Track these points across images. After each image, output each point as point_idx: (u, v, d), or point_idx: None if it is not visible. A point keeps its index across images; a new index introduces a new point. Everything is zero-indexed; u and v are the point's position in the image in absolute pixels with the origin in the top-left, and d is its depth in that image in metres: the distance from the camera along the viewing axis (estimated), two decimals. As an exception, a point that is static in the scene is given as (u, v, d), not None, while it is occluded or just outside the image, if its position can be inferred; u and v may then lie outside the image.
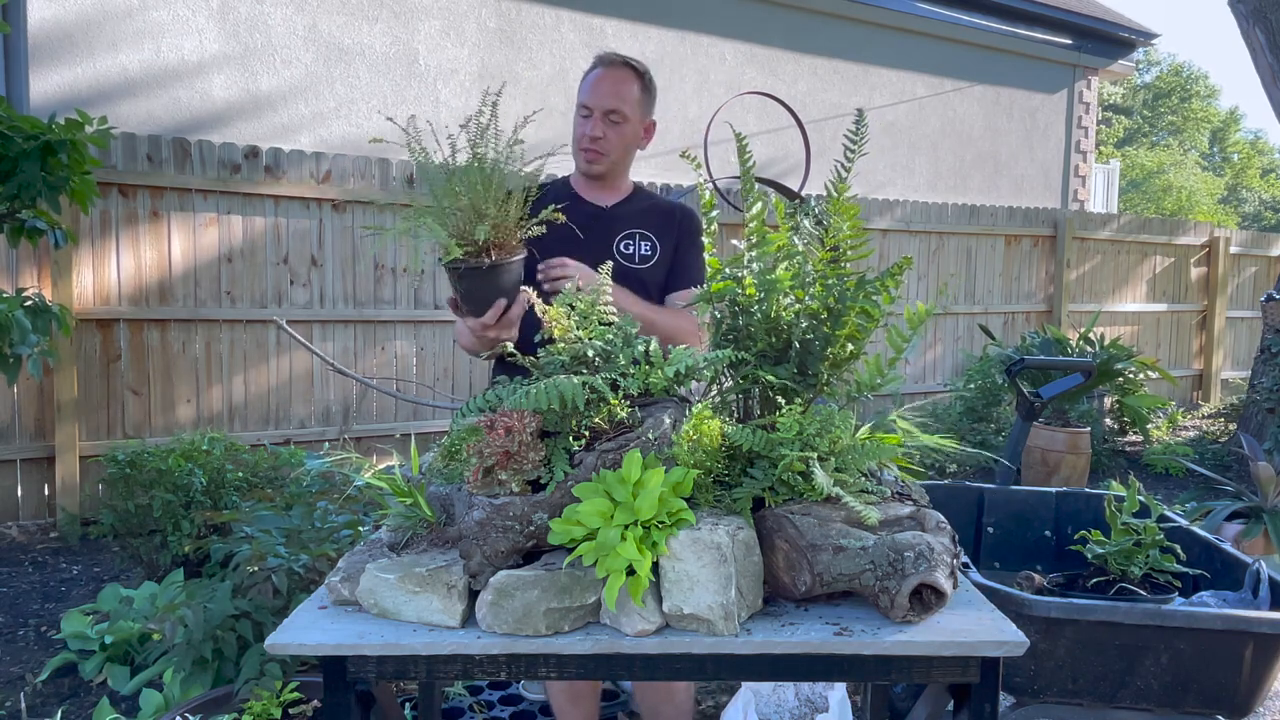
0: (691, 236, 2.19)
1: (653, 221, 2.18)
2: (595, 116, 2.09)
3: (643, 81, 2.14)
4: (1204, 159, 31.87)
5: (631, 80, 2.11)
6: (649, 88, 2.16)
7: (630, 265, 2.12)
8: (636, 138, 2.16)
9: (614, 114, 2.09)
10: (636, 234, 2.16)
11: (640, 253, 2.15)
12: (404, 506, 1.36)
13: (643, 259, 2.15)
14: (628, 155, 2.18)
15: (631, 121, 2.12)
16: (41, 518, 4.42)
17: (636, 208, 2.20)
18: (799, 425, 1.26)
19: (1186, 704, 1.87)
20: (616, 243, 2.13)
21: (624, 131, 2.12)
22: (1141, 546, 2.03)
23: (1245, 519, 3.96)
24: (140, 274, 4.53)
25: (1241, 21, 5.95)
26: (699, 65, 8.12)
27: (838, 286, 1.32)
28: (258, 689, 2.04)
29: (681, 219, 2.21)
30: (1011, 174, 10.27)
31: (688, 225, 2.20)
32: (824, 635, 1.17)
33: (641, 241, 2.16)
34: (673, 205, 2.25)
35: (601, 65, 2.12)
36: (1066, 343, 6.01)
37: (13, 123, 2.67)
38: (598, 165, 2.13)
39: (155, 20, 5.88)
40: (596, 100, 2.09)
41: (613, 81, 2.10)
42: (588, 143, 2.11)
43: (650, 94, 2.17)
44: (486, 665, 1.18)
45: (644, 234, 2.16)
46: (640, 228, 2.16)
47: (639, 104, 2.13)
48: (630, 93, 2.11)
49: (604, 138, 2.09)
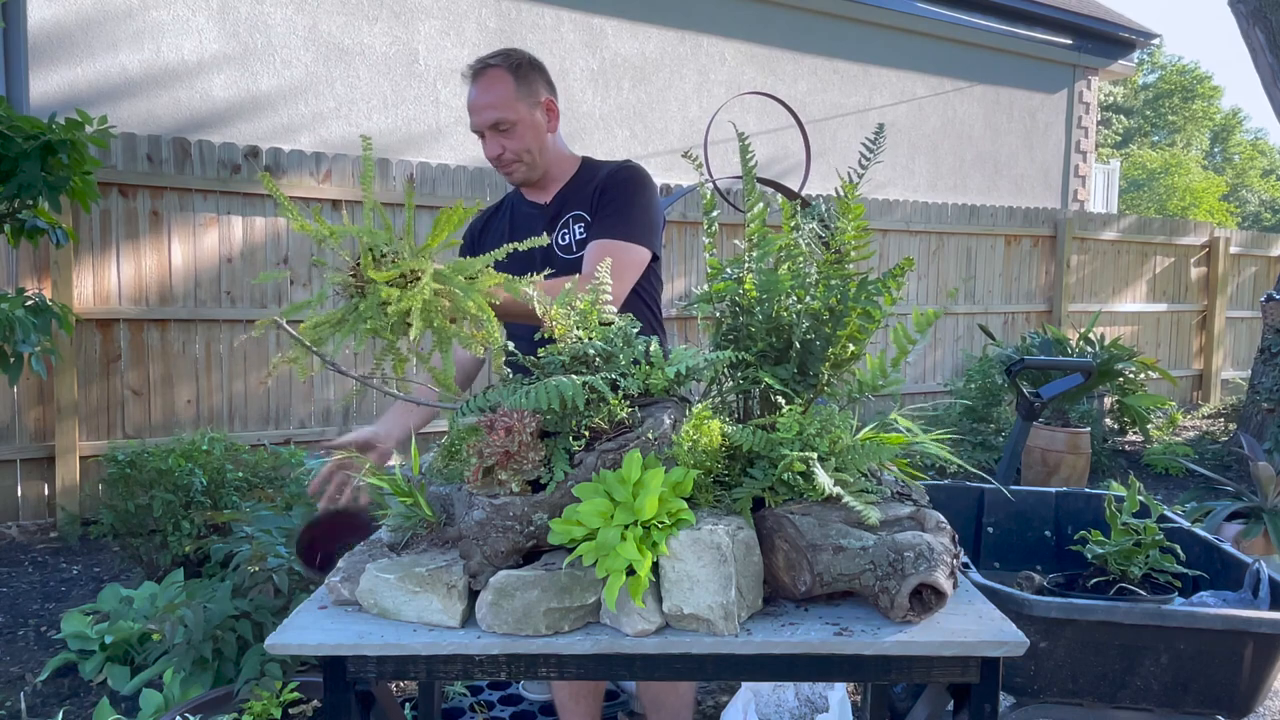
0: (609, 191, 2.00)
1: (586, 198, 2.03)
2: (487, 137, 1.98)
3: (515, 73, 1.97)
4: (1205, 159, 31.87)
5: (500, 79, 1.96)
6: (525, 74, 1.99)
7: (567, 256, 2.01)
8: (539, 128, 2.00)
9: (499, 124, 1.96)
10: (570, 218, 2.04)
11: (575, 238, 2.02)
12: (404, 506, 1.36)
13: (578, 243, 2.01)
14: (542, 148, 2.02)
15: (522, 119, 1.97)
16: (41, 518, 4.43)
17: (575, 190, 2.06)
18: (799, 425, 1.26)
19: (1186, 704, 1.87)
20: (555, 236, 2.03)
21: (520, 134, 1.98)
22: (1141, 546, 2.03)
23: (1245, 519, 3.96)
24: (140, 274, 4.53)
25: (1241, 22, 5.95)
26: (699, 65, 8.12)
27: (840, 287, 1.32)
28: (258, 689, 2.04)
29: (604, 179, 2.02)
30: (1011, 174, 10.27)
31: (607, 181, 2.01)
32: (824, 635, 1.17)
33: (575, 225, 2.03)
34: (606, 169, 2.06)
35: (469, 81, 1.99)
36: (1066, 343, 6.01)
37: (13, 123, 2.67)
38: (517, 175, 2.04)
39: (155, 20, 5.88)
40: (476, 120, 1.98)
41: (482, 92, 1.96)
42: (495, 162, 2.01)
43: (529, 77, 1.99)
44: (486, 665, 1.18)
45: (578, 215, 2.03)
46: (576, 209, 2.04)
47: (519, 98, 1.97)
48: (505, 93, 1.95)
49: (504, 151, 1.98)
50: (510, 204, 2.18)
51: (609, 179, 2.02)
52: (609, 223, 1.96)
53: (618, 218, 1.97)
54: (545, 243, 1.39)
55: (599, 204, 1.99)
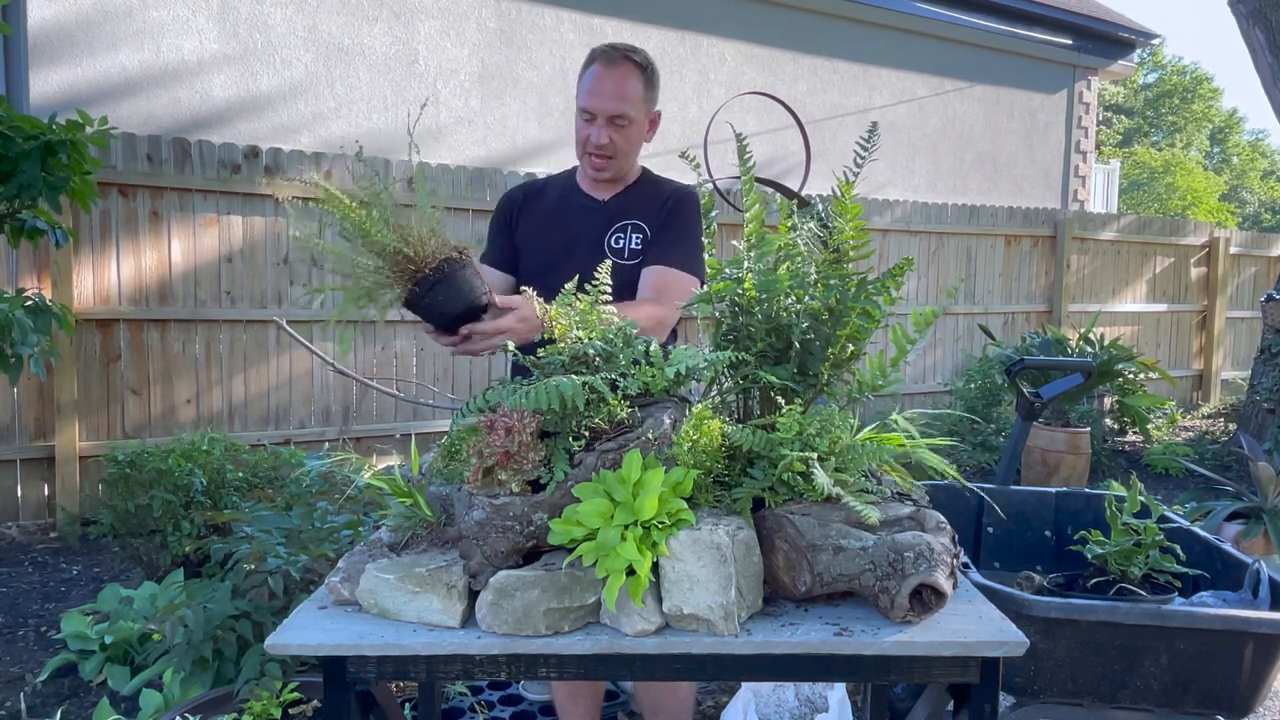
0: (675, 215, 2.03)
1: (648, 210, 2.04)
2: (599, 123, 1.95)
3: (646, 76, 1.98)
4: (1205, 159, 31.87)
5: (634, 77, 1.96)
6: (653, 80, 2.01)
7: (618, 260, 2.00)
8: (642, 135, 2.03)
9: (619, 119, 1.95)
10: (629, 226, 2.03)
11: (630, 247, 2.02)
12: (404, 507, 1.36)
13: (632, 254, 2.02)
14: (634, 154, 2.05)
15: (636, 122, 1.99)
16: (41, 518, 4.42)
17: (635, 198, 2.07)
18: (799, 425, 1.26)
19: (1186, 704, 1.87)
20: (608, 237, 2.03)
21: (629, 134, 1.98)
22: (1141, 547, 2.03)
23: (1245, 519, 3.96)
24: (140, 274, 4.53)
25: (1241, 22, 5.95)
26: (699, 65, 8.12)
27: (839, 287, 1.32)
28: (258, 689, 2.04)
29: (672, 201, 2.04)
30: (1011, 174, 10.27)
31: (675, 204, 2.04)
32: (824, 635, 1.17)
33: (633, 234, 2.02)
34: (671, 189, 2.10)
35: (601, 62, 1.96)
36: (1066, 343, 6.00)
37: (13, 123, 2.67)
38: (605, 173, 2.02)
39: (155, 20, 5.88)
40: (599, 105, 1.94)
41: (615, 82, 1.94)
42: (593, 149, 1.97)
43: (654, 86, 2.02)
44: (486, 665, 1.18)
45: (637, 225, 2.03)
46: (635, 219, 2.04)
47: (643, 102, 1.98)
48: (634, 92, 1.95)
49: (609, 143, 1.96)
50: (560, 190, 2.12)
51: (677, 203, 2.04)
52: (671, 249, 2.00)
53: (680, 246, 2.00)
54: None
55: (664, 225, 2.02)
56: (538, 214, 2.11)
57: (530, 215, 2.11)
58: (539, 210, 2.12)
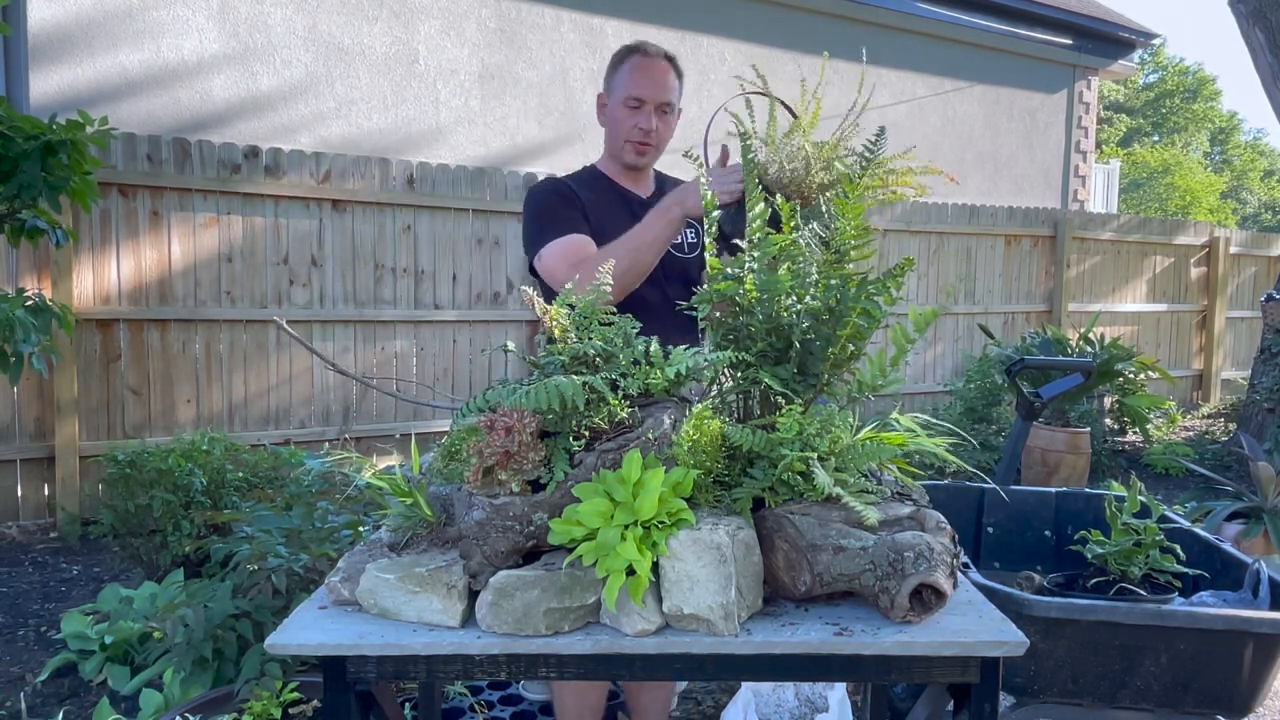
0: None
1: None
2: (649, 109, 2.07)
3: (678, 75, 2.15)
4: (1205, 159, 31.88)
5: (672, 74, 2.12)
6: (680, 81, 2.17)
7: (680, 255, 2.11)
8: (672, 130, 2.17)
9: (666, 106, 2.09)
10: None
11: (687, 240, 2.15)
12: (404, 506, 1.36)
13: (690, 247, 2.15)
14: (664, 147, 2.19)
15: (675, 115, 2.14)
16: (41, 518, 4.43)
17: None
18: (799, 425, 1.26)
19: (1186, 704, 1.87)
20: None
21: (669, 124, 2.12)
22: (1141, 546, 2.03)
23: (1245, 519, 3.96)
24: (140, 274, 4.53)
25: (1241, 22, 5.95)
26: (699, 65, 8.12)
27: (840, 287, 1.32)
28: (258, 689, 2.04)
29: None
30: (1011, 174, 10.27)
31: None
32: (824, 635, 1.17)
33: (686, 229, 2.14)
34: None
35: (643, 55, 2.09)
36: (1066, 343, 6.00)
37: (13, 123, 2.67)
38: (647, 158, 2.12)
39: (155, 20, 5.88)
40: (652, 93, 2.06)
41: (664, 75, 2.09)
42: (640, 135, 2.08)
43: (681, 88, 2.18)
44: (486, 665, 1.18)
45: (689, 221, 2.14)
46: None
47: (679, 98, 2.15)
48: (677, 87, 2.12)
49: (655, 130, 2.08)
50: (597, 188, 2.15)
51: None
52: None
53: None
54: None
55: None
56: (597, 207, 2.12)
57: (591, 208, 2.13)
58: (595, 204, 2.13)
